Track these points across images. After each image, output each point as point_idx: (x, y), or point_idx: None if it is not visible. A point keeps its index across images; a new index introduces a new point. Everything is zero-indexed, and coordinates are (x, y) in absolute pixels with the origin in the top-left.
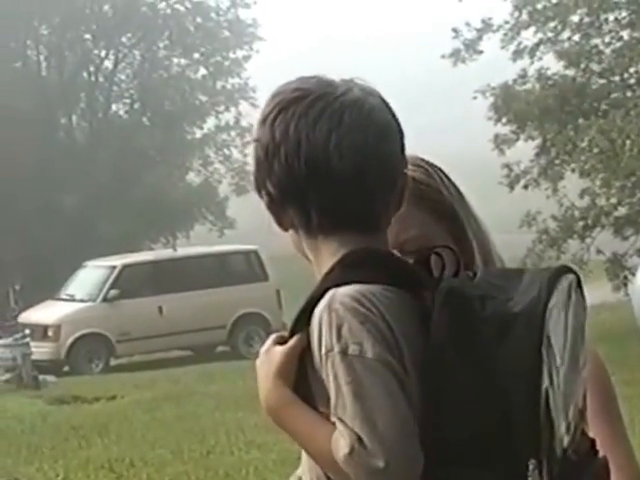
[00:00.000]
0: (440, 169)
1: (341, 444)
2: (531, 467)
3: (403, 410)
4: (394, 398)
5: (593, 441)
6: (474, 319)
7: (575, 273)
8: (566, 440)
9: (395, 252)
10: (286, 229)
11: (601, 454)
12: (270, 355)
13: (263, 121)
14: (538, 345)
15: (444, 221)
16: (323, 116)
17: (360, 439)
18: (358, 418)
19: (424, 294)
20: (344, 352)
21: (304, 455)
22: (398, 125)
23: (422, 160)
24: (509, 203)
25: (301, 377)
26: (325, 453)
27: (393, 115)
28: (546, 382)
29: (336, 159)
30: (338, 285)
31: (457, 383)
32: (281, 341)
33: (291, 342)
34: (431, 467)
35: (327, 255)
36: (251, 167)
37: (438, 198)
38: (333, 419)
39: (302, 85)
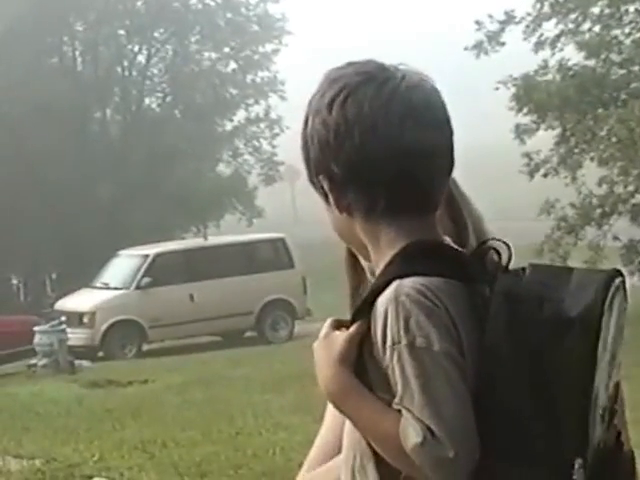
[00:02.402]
0: None
1: (411, 434)
2: (577, 466)
3: (467, 402)
4: (459, 390)
5: (619, 433)
6: (531, 321)
7: (622, 275)
8: (605, 434)
9: (452, 243)
10: (341, 212)
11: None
12: (331, 340)
13: (329, 104)
14: (594, 351)
15: (443, 204)
16: (395, 97)
17: (430, 430)
18: (427, 409)
19: (481, 288)
20: (412, 345)
21: (346, 433)
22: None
23: None
24: (529, 191)
25: (358, 363)
26: (390, 440)
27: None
28: (596, 382)
29: (411, 138)
30: (402, 277)
31: (509, 382)
32: (338, 326)
33: (353, 329)
34: (481, 461)
35: (385, 242)
36: (280, 158)
37: None
38: (396, 407)
39: (362, 69)
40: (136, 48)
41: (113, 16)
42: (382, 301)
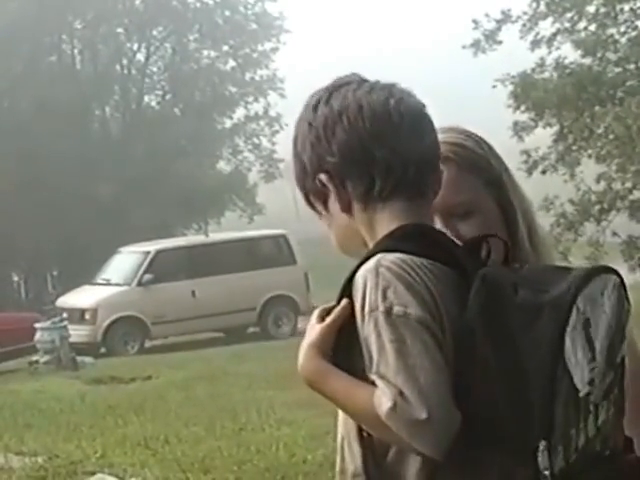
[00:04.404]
0: (487, 142)
1: (383, 400)
2: (541, 447)
3: (443, 369)
4: (435, 357)
5: (629, 440)
6: (505, 305)
7: (617, 274)
8: (592, 431)
9: (444, 231)
10: (343, 210)
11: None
12: (312, 330)
13: (315, 107)
14: (560, 334)
15: (492, 189)
16: (375, 87)
17: (402, 393)
18: (401, 374)
19: (468, 274)
20: (389, 312)
21: (340, 418)
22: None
23: (472, 132)
24: (528, 188)
25: (350, 343)
26: (366, 412)
27: None
28: (577, 375)
29: (396, 117)
30: (385, 252)
31: (482, 365)
32: (325, 314)
33: (333, 314)
34: (454, 444)
35: (380, 228)
36: (280, 155)
37: (487, 167)
38: (373, 377)
39: (342, 76)
40: (135, 46)
41: (112, 15)
42: (361, 273)
